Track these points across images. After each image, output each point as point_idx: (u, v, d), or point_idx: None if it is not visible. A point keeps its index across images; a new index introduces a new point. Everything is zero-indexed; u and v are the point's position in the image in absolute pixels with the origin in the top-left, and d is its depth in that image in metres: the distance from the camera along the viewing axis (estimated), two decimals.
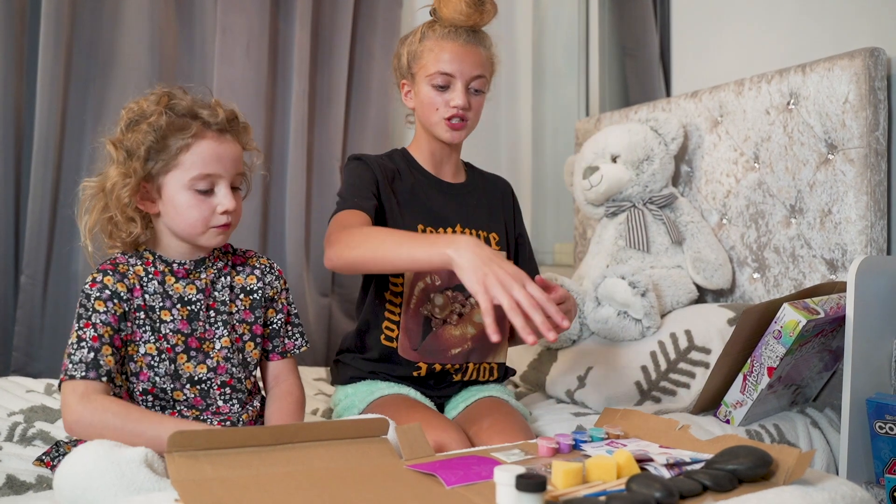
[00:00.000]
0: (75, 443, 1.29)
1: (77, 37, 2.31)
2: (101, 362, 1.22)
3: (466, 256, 1.21)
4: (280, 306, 1.44)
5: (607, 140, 2.13)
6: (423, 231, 1.56)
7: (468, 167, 1.72)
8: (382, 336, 1.57)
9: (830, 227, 1.78)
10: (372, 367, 1.58)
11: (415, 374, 1.57)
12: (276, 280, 1.44)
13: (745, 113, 2.01)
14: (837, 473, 1.54)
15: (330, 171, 2.67)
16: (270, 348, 1.44)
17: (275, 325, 1.43)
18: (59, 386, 1.23)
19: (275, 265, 1.46)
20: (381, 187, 1.55)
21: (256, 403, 1.42)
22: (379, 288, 1.58)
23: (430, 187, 1.62)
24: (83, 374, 1.21)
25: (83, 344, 1.23)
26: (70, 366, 1.22)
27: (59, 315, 2.28)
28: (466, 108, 1.54)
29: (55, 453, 1.33)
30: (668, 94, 2.53)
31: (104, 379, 1.22)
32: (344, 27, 2.67)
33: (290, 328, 1.46)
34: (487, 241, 1.62)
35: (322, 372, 2.24)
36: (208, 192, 1.30)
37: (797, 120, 1.86)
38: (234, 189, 1.34)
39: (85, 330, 1.24)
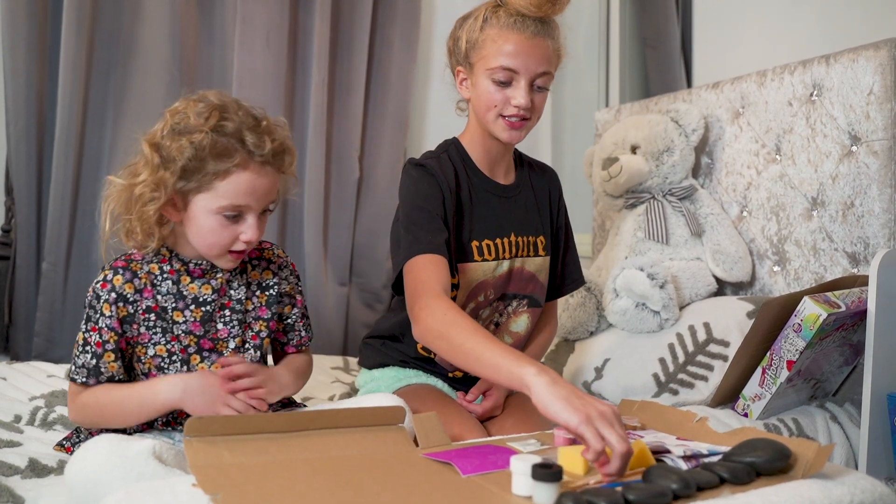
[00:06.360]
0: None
1: (98, 26, 2.32)
2: (102, 369, 1.26)
3: (547, 386, 1.03)
4: (296, 301, 1.44)
5: (627, 131, 2.12)
6: (479, 246, 1.48)
7: (517, 158, 1.60)
8: (419, 346, 1.53)
9: (853, 220, 1.76)
10: (404, 357, 1.56)
11: (450, 374, 1.56)
12: (290, 275, 1.44)
13: (767, 104, 1.99)
14: (857, 469, 1.53)
15: (349, 160, 2.67)
16: (285, 340, 1.45)
17: (290, 321, 1.44)
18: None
19: (289, 259, 1.45)
20: (446, 203, 1.42)
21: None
22: None
23: (486, 192, 1.51)
24: (84, 379, 1.25)
25: (87, 348, 1.25)
26: (74, 368, 1.26)
27: (81, 301, 2.30)
28: (529, 108, 1.40)
29: (76, 438, 1.35)
30: (689, 85, 2.51)
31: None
32: (363, 17, 2.66)
33: (305, 321, 1.47)
34: (536, 246, 1.56)
35: (339, 361, 2.25)
36: (235, 219, 1.25)
37: (820, 111, 1.84)
38: (262, 212, 1.29)
39: (91, 334, 1.26)
